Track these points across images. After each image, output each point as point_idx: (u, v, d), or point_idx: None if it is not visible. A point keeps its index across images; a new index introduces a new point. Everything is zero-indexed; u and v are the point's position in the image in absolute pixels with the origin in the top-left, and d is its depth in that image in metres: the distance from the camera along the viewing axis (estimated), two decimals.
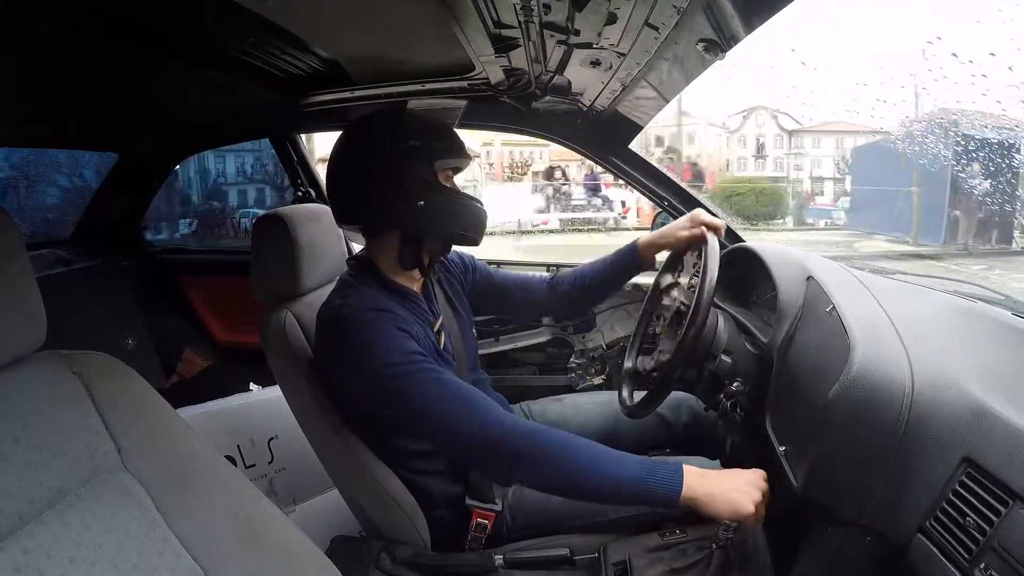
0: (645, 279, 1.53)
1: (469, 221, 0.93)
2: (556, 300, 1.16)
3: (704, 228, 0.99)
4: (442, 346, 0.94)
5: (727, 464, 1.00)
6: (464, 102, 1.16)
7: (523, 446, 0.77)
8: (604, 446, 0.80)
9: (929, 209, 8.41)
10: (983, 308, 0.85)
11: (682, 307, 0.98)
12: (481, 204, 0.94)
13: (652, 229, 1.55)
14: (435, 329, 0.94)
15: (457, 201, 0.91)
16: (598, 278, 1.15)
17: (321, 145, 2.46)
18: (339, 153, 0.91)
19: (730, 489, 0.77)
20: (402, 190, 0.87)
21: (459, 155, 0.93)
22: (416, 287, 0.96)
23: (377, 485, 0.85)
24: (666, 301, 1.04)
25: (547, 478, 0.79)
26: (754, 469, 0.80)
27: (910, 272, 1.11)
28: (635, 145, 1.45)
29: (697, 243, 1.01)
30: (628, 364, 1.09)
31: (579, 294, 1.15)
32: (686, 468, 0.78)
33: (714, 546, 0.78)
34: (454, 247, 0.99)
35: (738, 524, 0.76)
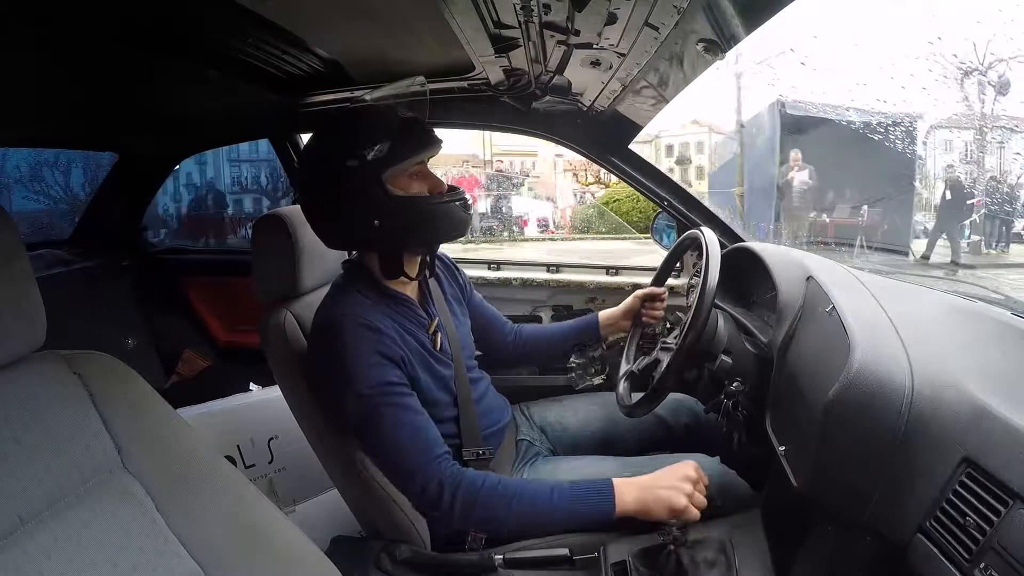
0: (645, 279, 1.53)
1: (439, 224, 0.88)
2: (516, 350, 1.21)
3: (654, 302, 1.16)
4: (438, 348, 0.94)
5: (729, 461, 1.00)
6: (424, 85, 1.08)
7: (458, 503, 0.82)
8: (537, 483, 0.86)
9: (759, 213, 7.00)
10: (983, 308, 0.85)
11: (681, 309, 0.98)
12: (451, 200, 0.88)
13: (652, 229, 1.56)
14: (430, 331, 0.94)
15: (419, 208, 0.86)
16: (557, 343, 1.23)
17: None
18: (298, 183, 0.90)
19: (659, 489, 0.80)
20: (355, 214, 0.84)
21: (411, 154, 0.85)
22: (410, 291, 0.96)
23: (377, 485, 0.85)
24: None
25: (486, 530, 0.85)
26: (684, 461, 0.83)
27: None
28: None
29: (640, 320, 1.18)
30: (625, 366, 1.09)
31: (535, 352, 1.24)
32: (616, 483, 0.81)
33: (672, 547, 0.78)
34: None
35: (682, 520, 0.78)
